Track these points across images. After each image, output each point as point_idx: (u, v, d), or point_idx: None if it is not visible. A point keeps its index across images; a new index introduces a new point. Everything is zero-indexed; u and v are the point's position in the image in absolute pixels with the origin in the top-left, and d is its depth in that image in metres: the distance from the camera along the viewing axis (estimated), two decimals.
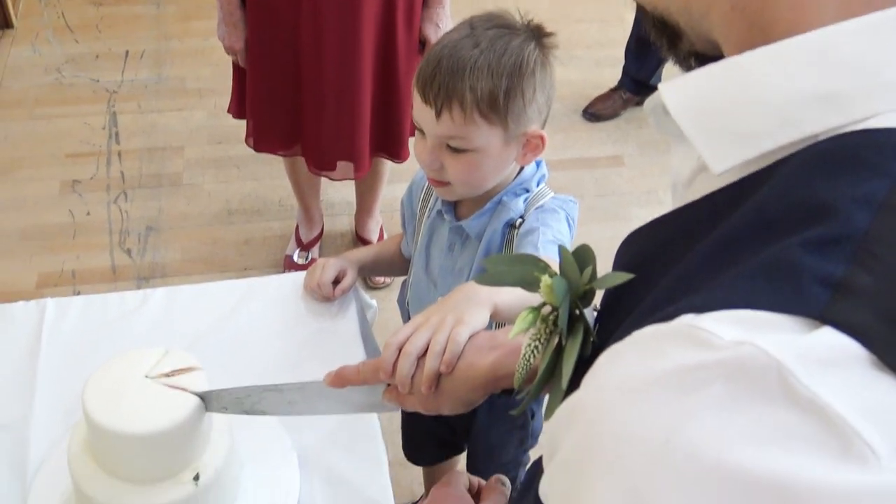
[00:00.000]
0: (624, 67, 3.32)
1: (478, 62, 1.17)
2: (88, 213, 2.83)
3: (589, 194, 2.99)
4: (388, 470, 1.23)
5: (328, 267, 1.42)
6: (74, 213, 2.83)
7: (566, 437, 0.47)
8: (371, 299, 1.59)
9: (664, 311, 0.45)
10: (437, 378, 0.87)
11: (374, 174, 2.48)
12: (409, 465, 2.03)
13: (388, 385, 0.92)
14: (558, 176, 3.03)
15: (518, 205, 1.30)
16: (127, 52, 3.53)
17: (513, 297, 0.91)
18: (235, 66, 2.23)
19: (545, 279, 0.62)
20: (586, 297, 0.63)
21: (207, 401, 1.03)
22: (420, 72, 1.20)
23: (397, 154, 2.30)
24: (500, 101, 1.18)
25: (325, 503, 1.17)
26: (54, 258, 2.69)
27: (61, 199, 2.88)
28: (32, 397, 1.27)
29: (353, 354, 1.36)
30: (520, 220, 1.29)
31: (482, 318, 0.90)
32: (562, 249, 0.63)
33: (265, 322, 1.41)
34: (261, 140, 2.31)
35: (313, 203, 2.64)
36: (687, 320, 0.43)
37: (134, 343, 1.26)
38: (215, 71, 3.34)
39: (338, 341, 1.39)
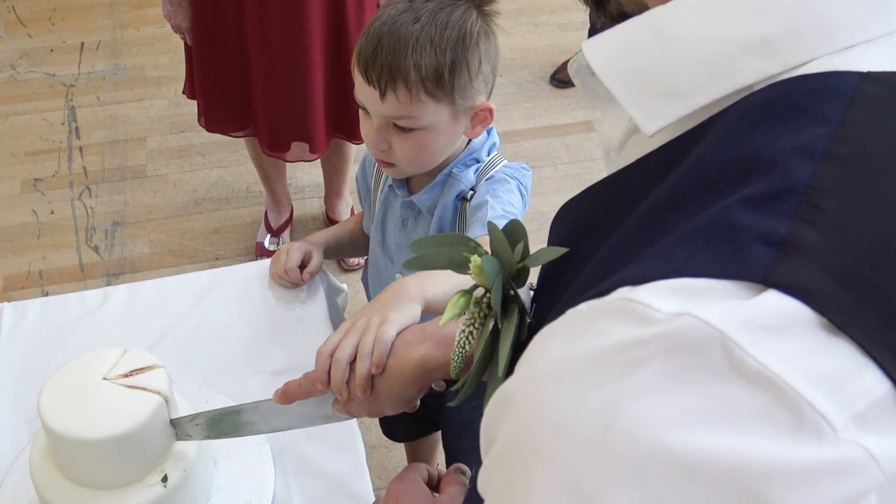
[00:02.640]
0: (590, 31, 3.28)
1: (420, 38, 1.12)
2: (52, 212, 2.77)
3: (561, 162, 2.96)
4: (364, 456, 1.20)
5: (293, 251, 1.38)
6: (38, 213, 2.77)
7: (501, 429, 0.44)
8: (341, 283, 1.56)
9: (599, 286, 0.42)
10: (371, 380, 0.86)
11: (340, 155, 2.43)
12: (396, 446, 2.01)
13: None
14: (529, 145, 3.00)
15: (469, 176, 1.26)
16: (82, 44, 3.45)
17: (447, 287, 0.89)
18: (187, 46, 2.19)
19: (475, 259, 0.58)
20: (520, 275, 0.59)
21: (177, 425, 1.00)
22: (360, 51, 1.15)
23: (354, 134, 2.25)
24: (445, 77, 1.13)
25: (302, 494, 1.14)
26: (20, 260, 2.63)
27: (23, 198, 2.82)
28: None
29: (323, 340, 1.32)
30: (471, 192, 1.25)
31: (412, 313, 0.89)
32: (491, 227, 0.60)
33: (231, 313, 1.37)
34: (212, 120, 2.27)
35: (280, 187, 2.59)
36: (622, 294, 0.40)
37: (97, 343, 1.21)
38: (174, 58, 3.27)
39: (307, 327, 1.35)
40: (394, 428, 1.72)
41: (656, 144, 0.48)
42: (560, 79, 3.27)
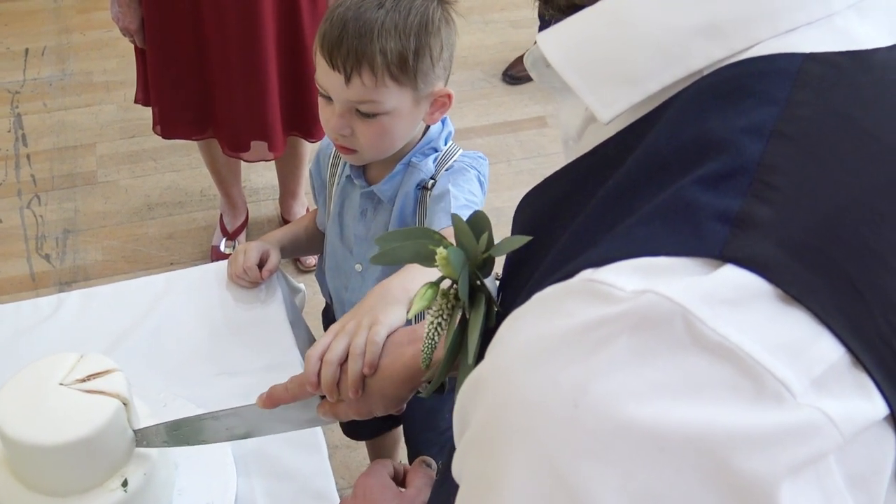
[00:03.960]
0: (540, 27, 3.31)
1: (385, 23, 1.14)
2: (0, 221, 2.71)
3: (515, 157, 2.98)
4: (327, 455, 1.19)
5: (250, 250, 1.38)
6: None
7: (473, 413, 0.44)
8: (299, 283, 1.55)
9: (563, 270, 0.43)
10: (362, 381, 0.87)
11: (295, 155, 2.42)
12: (358, 445, 2.01)
13: (322, 399, 0.92)
14: (483, 142, 3.01)
15: (428, 165, 1.28)
16: (27, 50, 3.38)
17: None
18: (138, 51, 2.14)
19: (440, 251, 0.59)
20: (486, 265, 0.60)
21: (145, 438, 1.00)
22: (325, 36, 1.16)
23: (310, 132, 2.24)
24: (410, 62, 1.15)
25: (265, 494, 1.14)
26: None
27: None
28: None
29: (283, 340, 1.32)
30: (431, 181, 1.27)
31: (398, 315, 0.90)
32: (455, 219, 0.61)
33: (189, 315, 1.36)
34: (169, 126, 2.23)
35: (235, 189, 2.57)
36: (586, 275, 0.41)
37: (52, 350, 1.19)
38: (122, 62, 3.22)
39: (267, 327, 1.35)
40: (355, 426, 1.72)
41: (613, 131, 0.49)
42: (512, 75, 3.29)
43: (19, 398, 0.95)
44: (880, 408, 0.39)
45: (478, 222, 0.60)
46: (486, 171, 1.30)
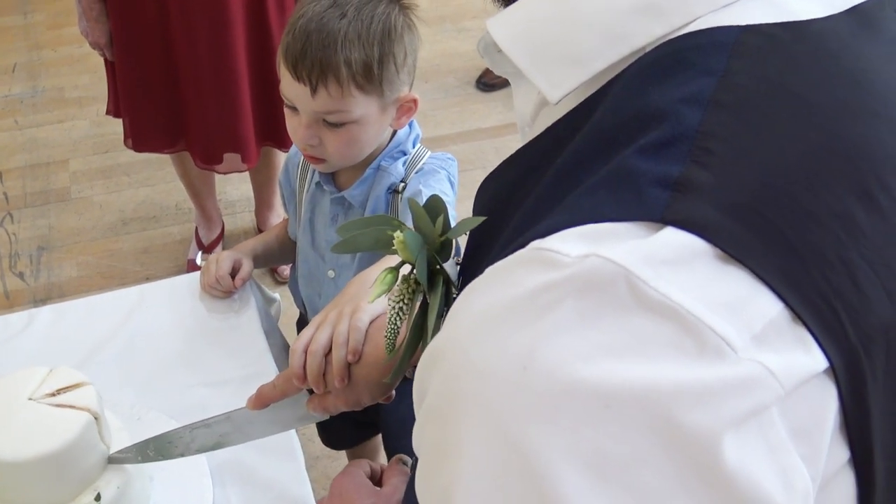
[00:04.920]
0: None
1: (347, 33, 1.14)
2: None
3: (491, 164, 2.95)
4: (303, 462, 1.19)
5: (222, 260, 1.37)
6: None
7: (429, 385, 0.45)
8: (273, 293, 1.55)
9: (515, 244, 0.44)
10: (348, 369, 0.86)
11: (268, 166, 2.41)
12: (339, 455, 2.00)
13: (311, 394, 0.91)
14: (458, 149, 3.01)
15: (398, 168, 1.28)
16: None
17: None
18: (108, 63, 2.13)
19: (397, 235, 0.59)
20: (444, 249, 0.61)
21: (139, 453, 0.99)
22: (288, 48, 1.16)
23: (284, 142, 2.23)
24: (375, 71, 1.16)
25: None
26: None
27: None
28: None
29: (258, 349, 1.32)
30: (402, 184, 1.27)
31: (380, 303, 0.89)
32: (412, 203, 0.61)
33: (163, 326, 1.35)
34: (140, 139, 2.21)
35: (209, 202, 2.56)
36: (534, 245, 0.42)
37: (22, 366, 1.18)
38: (94, 78, 3.21)
39: (241, 337, 1.34)
40: (334, 436, 1.72)
41: (563, 112, 0.50)
42: (486, 82, 3.30)
43: None
44: (820, 361, 0.40)
45: (434, 206, 0.61)
46: (456, 171, 1.30)
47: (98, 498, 0.97)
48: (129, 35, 2.01)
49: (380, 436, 1.68)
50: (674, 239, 0.40)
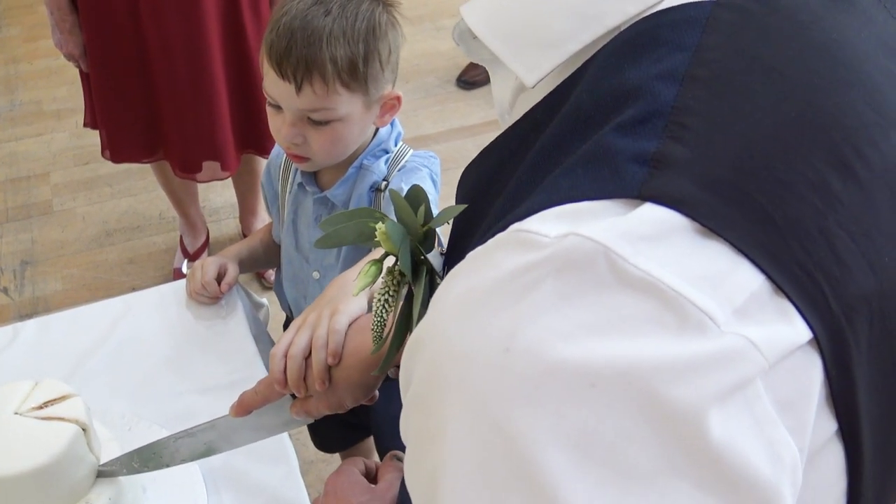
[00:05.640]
0: None
1: (332, 30, 1.13)
2: None
3: None
4: (297, 465, 1.18)
5: (207, 265, 1.36)
6: None
7: (414, 372, 0.45)
8: (262, 298, 1.54)
9: (495, 228, 0.44)
10: (328, 371, 0.86)
11: (250, 172, 2.40)
12: (333, 459, 1.98)
13: (294, 399, 0.91)
14: (441, 148, 3.00)
15: (380, 167, 1.28)
16: None
17: None
18: (83, 75, 2.11)
19: (379, 226, 0.59)
20: (427, 239, 0.61)
21: (124, 465, 0.98)
22: (272, 45, 1.15)
23: (264, 148, 2.21)
24: (360, 68, 1.15)
25: None
26: None
27: None
28: None
29: (246, 353, 1.31)
30: (384, 182, 1.27)
31: (358, 304, 0.89)
32: (393, 194, 0.61)
33: (150, 335, 1.33)
34: (117, 150, 2.19)
35: (193, 210, 2.54)
36: (513, 227, 0.42)
37: (8, 381, 1.17)
38: (72, 89, 3.18)
39: (229, 343, 1.33)
40: (326, 439, 1.71)
41: (541, 96, 0.50)
42: (467, 80, 3.30)
43: None
44: (803, 332, 0.40)
45: (415, 196, 0.61)
46: (438, 169, 1.30)
47: None
48: (102, 46, 1.99)
49: (372, 437, 1.68)
50: (652, 214, 0.40)
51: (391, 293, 0.64)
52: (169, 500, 1.11)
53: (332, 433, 1.66)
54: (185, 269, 2.54)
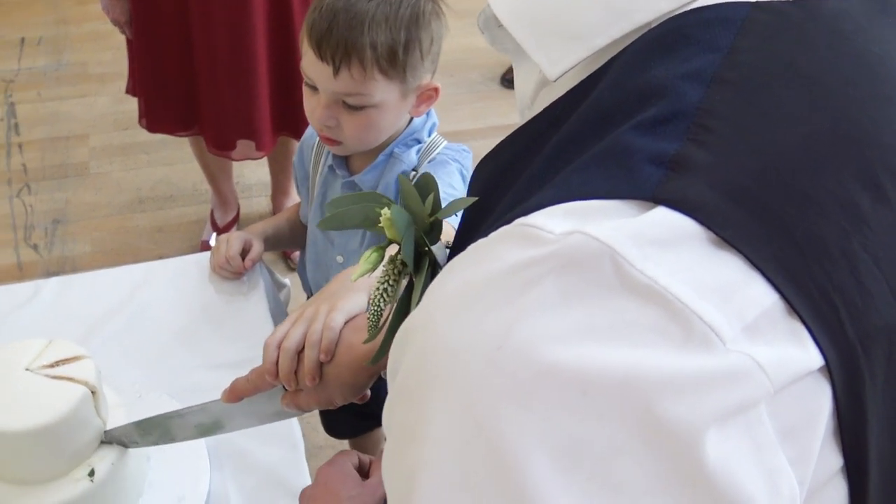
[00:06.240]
0: None
1: (375, 15, 1.12)
2: None
3: None
4: (303, 450, 1.17)
5: (233, 240, 1.35)
6: None
7: (401, 363, 0.43)
8: (285, 279, 1.53)
9: (501, 221, 0.42)
10: (320, 368, 0.85)
11: (285, 153, 2.39)
12: (342, 445, 1.98)
13: (285, 391, 0.90)
14: (477, 145, 2.96)
15: (410, 157, 1.26)
16: (23, 39, 3.36)
17: None
18: (129, 42, 2.12)
19: (384, 212, 0.57)
20: (433, 230, 0.59)
21: (128, 435, 0.98)
22: (313, 26, 1.14)
23: (300, 132, 2.19)
24: (399, 56, 1.14)
25: (238, 489, 1.11)
26: None
27: None
28: None
29: (263, 333, 1.28)
30: (413, 172, 1.25)
31: (358, 302, 0.88)
32: (401, 179, 0.59)
33: (169, 306, 1.33)
34: (154, 120, 2.20)
35: (226, 185, 2.55)
36: (518, 221, 0.40)
37: (24, 338, 1.17)
38: (117, 54, 3.19)
39: (247, 321, 1.32)
40: (336, 425, 1.70)
41: (562, 91, 0.48)
42: (510, 79, 3.27)
43: None
44: (815, 358, 0.38)
45: (424, 184, 0.59)
46: (470, 164, 1.28)
47: (92, 474, 0.96)
48: (147, 14, 2.00)
49: (381, 428, 1.67)
50: (664, 219, 0.38)
51: (391, 283, 0.62)
52: (172, 471, 1.10)
53: (343, 420, 1.65)
54: (212, 243, 2.55)
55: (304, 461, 1.16)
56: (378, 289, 0.63)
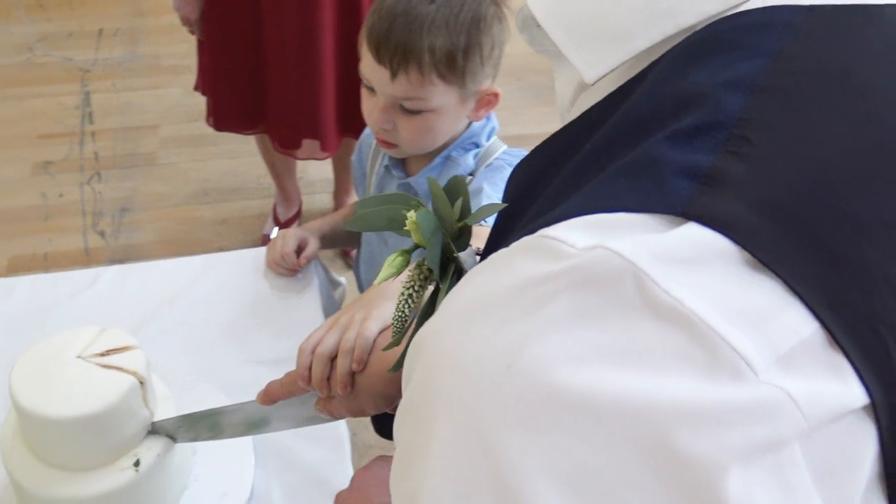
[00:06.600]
0: None
1: (435, 19, 1.10)
2: (61, 195, 2.75)
3: None
4: (349, 452, 1.16)
5: (288, 237, 1.35)
6: (47, 195, 2.75)
7: (412, 375, 0.41)
8: (341, 277, 1.52)
9: (524, 231, 0.39)
10: (352, 377, 0.84)
11: (350, 153, 2.38)
12: (391, 446, 1.97)
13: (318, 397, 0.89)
14: None
15: (468, 161, 1.24)
16: (100, 30, 3.44)
17: None
18: (199, 41, 2.14)
19: (410, 215, 0.55)
20: (461, 235, 0.56)
21: (162, 430, 0.98)
22: (372, 28, 1.12)
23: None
24: (458, 61, 1.12)
25: (282, 488, 1.10)
26: (26, 241, 2.61)
27: (33, 180, 2.80)
28: None
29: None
30: (469, 177, 1.23)
31: (391, 311, 0.85)
32: (430, 181, 0.57)
33: (223, 299, 1.34)
34: (221, 118, 2.22)
35: (289, 182, 2.56)
36: (540, 232, 0.37)
37: (81, 323, 1.18)
38: (191, 48, 3.20)
39: (300, 318, 1.32)
40: (385, 426, 1.68)
41: (601, 96, 0.45)
42: None
43: (35, 369, 0.94)
44: (857, 395, 0.34)
45: (454, 187, 0.57)
46: None
47: (137, 464, 0.96)
48: (219, 14, 2.01)
49: None
50: (694, 236, 0.34)
51: (416, 288, 0.60)
52: (217, 465, 1.11)
53: (392, 421, 1.64)
54: (273, 237, 2.57)
55: (349, 461, 1.15)
56: (403, 294, 0.61)
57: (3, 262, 2.55)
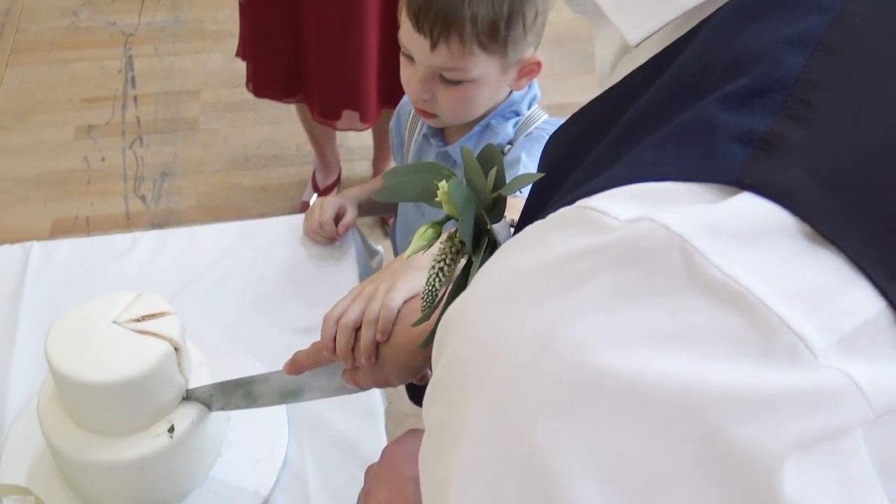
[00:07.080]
0: None
1: None
2: (103, 159, 2.77)
3: None
4: (384, 423, 1.15)
5: (327, 205, 1.34)
6: (89, 159, 2.77)
7: (442, 354, 0.38)
8: (378, 245, 1.51)
9: (563, 202, 0.36)
10: (376, 348, 0.83)
11: (390, 121, 2.37)
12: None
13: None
14: None
15: (507, 129, 1.21)
16: None
17: None
18: (241, 6, 2.13)
19: (442, 185, 0.52)
20: (495, 207, 0.53)
21: (196, 397, 0.99)
22: None
23: None
24: (501, 30, 1.08)
25: (314, 456, 1.10)
26: (68, 204, 2.64)
27: (76, 144, 2.82)
28: (13, 345, 1.21)
29: None
30: (508, 145, 1.20)
31: (419, 281, 0.84)
32: (463, 150, 0.54)
33: (260, 266, 1.33)
34: (260, 85, 2.20)
35: (329, 149, 2.55)
36: (579, 203, 0.35)
37: (118, 288, 1.19)
38: (233, 13, 3.18)
39: (336, 287, 1.29)
40: (419, 394, 1.68)
41: (644, 59, 0.42)
42: None
43: (71, 333, 0.94)
44: None
45: (488, 156, 0.54)
46: None
47: (171, 430, 0.96)
48: None
49: None
50: (749, 207, 0.32)
51: (447, 262, 0.57)
52: (251, 433, 1.10)
53: (424, 388, 1.63)
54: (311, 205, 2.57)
55: (383, 431, 1.14)
56: (434, 268, 0.58)
57: (46, 226, 2.58)
